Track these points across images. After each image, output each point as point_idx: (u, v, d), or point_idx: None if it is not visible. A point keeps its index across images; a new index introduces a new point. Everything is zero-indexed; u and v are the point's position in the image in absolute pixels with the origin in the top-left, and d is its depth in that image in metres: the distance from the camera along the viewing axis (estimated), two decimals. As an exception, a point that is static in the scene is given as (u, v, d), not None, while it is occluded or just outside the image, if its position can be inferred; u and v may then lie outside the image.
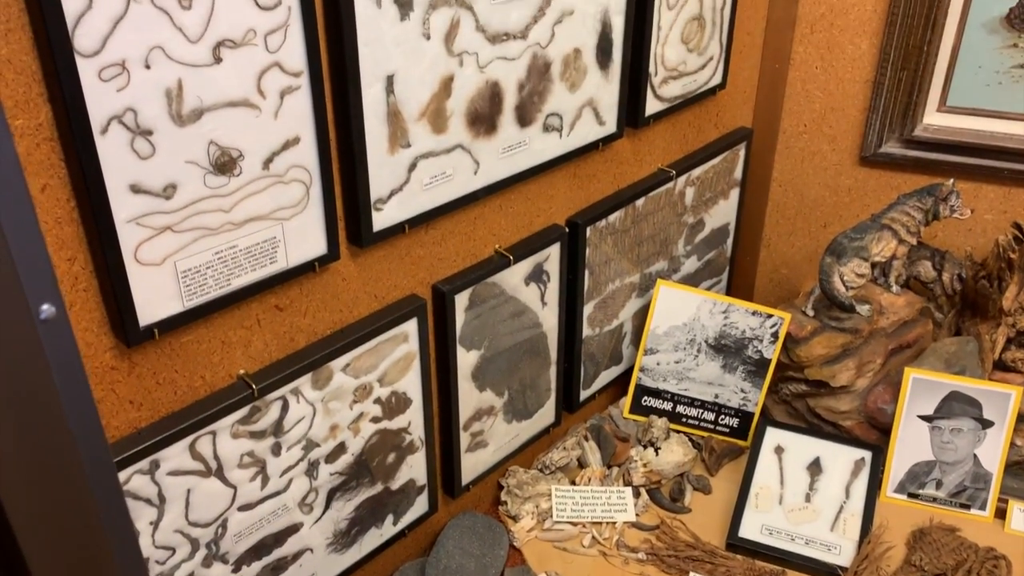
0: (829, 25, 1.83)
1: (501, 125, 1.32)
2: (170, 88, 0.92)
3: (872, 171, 1.93)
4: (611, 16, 1.43)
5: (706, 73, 1.71)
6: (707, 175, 1.85)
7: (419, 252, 1.31)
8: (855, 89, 1.87)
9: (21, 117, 0.84)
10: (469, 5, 1.19)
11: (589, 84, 1.45)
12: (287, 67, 1.01)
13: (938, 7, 1.70)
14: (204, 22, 0.92)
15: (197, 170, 0.97)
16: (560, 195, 1.53)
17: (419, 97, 1.18)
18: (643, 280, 1.79)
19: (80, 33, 0.83)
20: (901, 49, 1.76)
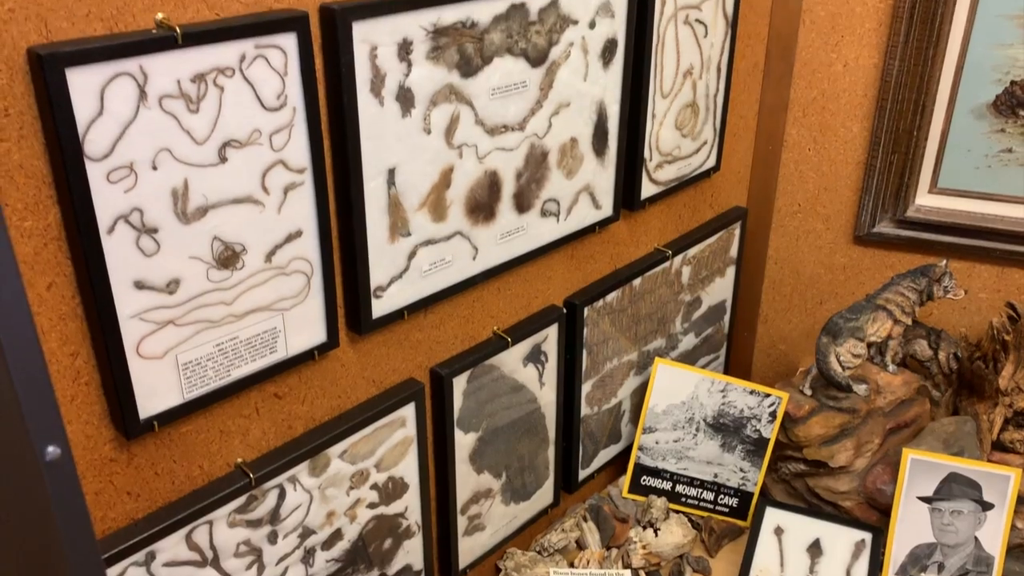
0: (821, 109, 1.87)
1: (500, 212, 1.35)
2: (176, 188, 0.94)
3: (866, 250, 1.95)
4: (607, 105, 1.47)
5: (700, 156, 1.75)
6: (703, 254, 1.87)
7: (418, 336, 1.33)
8: (847, 170, 1.90)
9: (30, 219, 0.87)
10: (469, 100, 1.23)
11: (586, 171, 1.48)
12: (291, 164, 1.04)
13: (926, 93, 1.74)
14: (211, 124, 0.95)
15: (200, 265, 0.99)
16: (558, 276, 1.55)
17: (420, 188, 1.21)
18: (641, 358, 1.80)
19: (90, 138, 0.86)
20: (892, 133, 1.80)
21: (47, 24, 0.82)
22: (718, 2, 1.62)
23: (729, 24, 1.67)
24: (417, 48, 1.13)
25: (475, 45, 1.21)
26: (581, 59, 1.38)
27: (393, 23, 1.09)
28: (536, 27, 1.29)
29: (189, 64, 0.91)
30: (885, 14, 1.75)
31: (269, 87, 0.99)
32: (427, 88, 1.16)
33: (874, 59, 1.79)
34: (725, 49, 1.69)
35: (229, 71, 0.94)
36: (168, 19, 0.90)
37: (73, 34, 0.84)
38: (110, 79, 0.86)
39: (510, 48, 1.26)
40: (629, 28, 1.43)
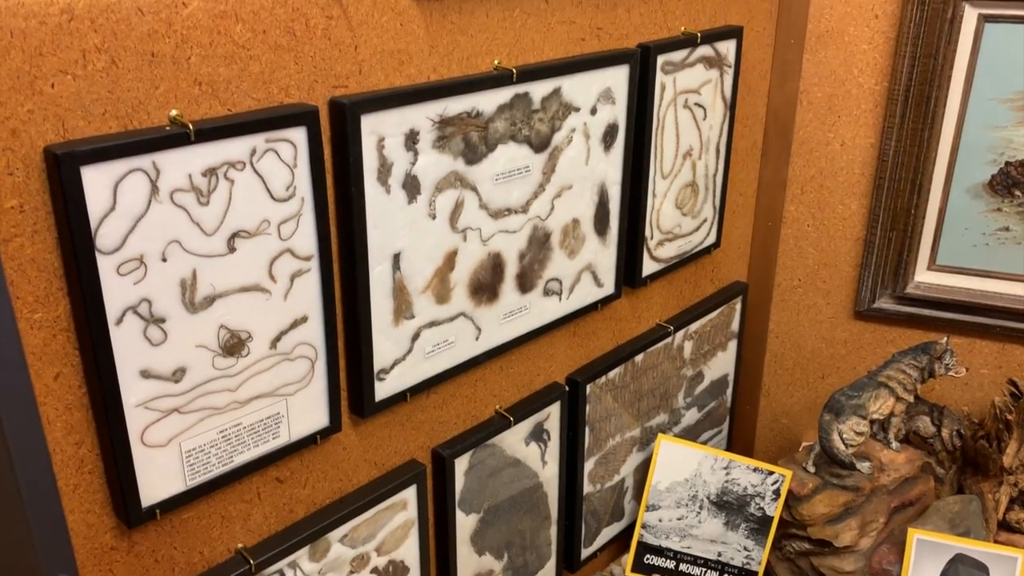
0: (819, 187, 1.90)
1: (503, 292, 1.36)
2: (185, 278, 0.95)
3: (867, 325, 1.96)
4: (608, 187, 1.49)
5: (700, 234, 1.77)
6: (705, 329, 1.88)
7: (420, 417, 1.33)
8: (847, 246, 1.92)
9: (40, 311, 0.88)
10: (473, 186, 1.25)
11: (587, 250, 1.50)
12: (298, 252, 1.06)
13: (923, 173, 1.77)
14: (221, 216, 0.97)
15: (206, 353, 1.00)
16: (560, 354, 1.56)
17: (424, 272, 1.22)
18: (644, 434, 1.80)
19: (102, 232, 0.88)
20: (889, 211, 1.83)
21: (64, 124, 0.85)
22: (716, 86, 1.66)
23: (728, 106, 1.70)
24: (423, 138, 1.16)
25: (480, 133, 1.23)
26: (583, 144, 1.41)
27: (401, 115, 1.12)
28: (539, 115, 1.32)
29: (201, 159, 0.93)
30: (881, 96, 1.79)
31: (279, 179, 1.01)
32: (432, 175, 1.19)
33: (871, 139, 1.82)
34: (724, 130, 1.72)
35: (240, 164, 0.97)
36: (181, 115, 0.92)
37: (89, 132, 0.87)
38: (123, 175, 0.88)
39: (514, 135, 1.29)
40: (630, 113, 1.47)
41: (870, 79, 1.79)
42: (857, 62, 1.79)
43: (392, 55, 1.11)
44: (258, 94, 0.99)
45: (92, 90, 0.86)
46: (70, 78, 0.84)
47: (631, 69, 1.44)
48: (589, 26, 1.38)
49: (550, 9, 1.30)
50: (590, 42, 1.39)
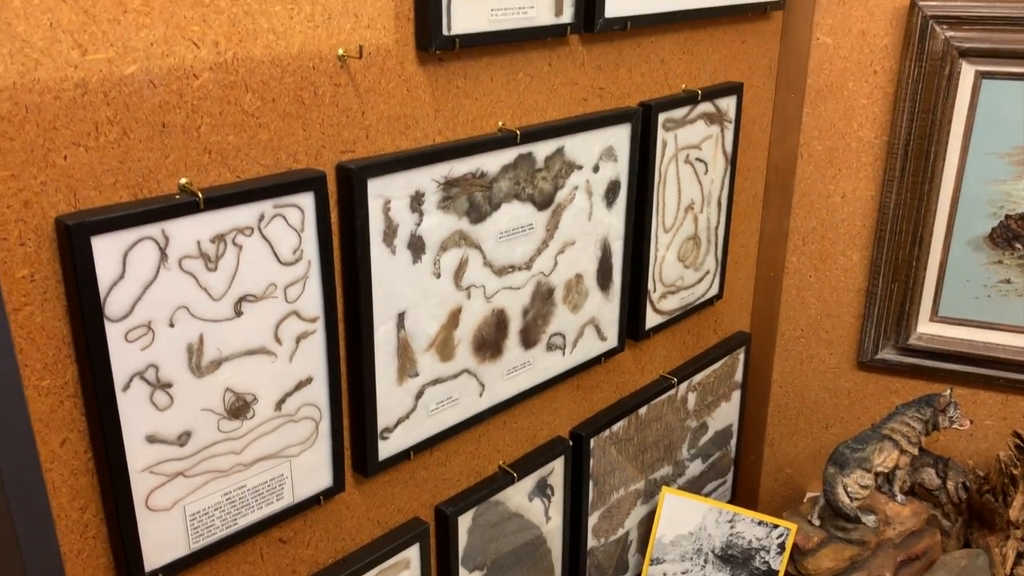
0: (820, 238, 1.91)
1: (506, 348, 1.37)
2: (192, 343, 0.96)
3: (870, 375, 1.96)
4: (611, 242, 1.50)
5: (703, 286, 1.78)
6: (708, 380, 1.88)
7: (423, 474, 1.33)
8: (849, 297, 1.93)
9: (48, 378, 0.89)
10: (477, 244, 1.26)
11: (591, 305, 1.50)
12: (304, 314, 1.06)
13: (923, 225, 1.79)
14: (228, 281, 0.98)
15: (212, 417, 1.00)
16: (563, 408, 1.56)
17: (428, 330, 1.23)
18: (648, 487, 1.79)
19: (111, 300, 0.89)
20: (891, 263, 1.84)
21: (76, 194, 0.86)
22: (717, 141, 1.68)
23: (729, 160, 1.72)
24: (429, 199, 1.17)
25: (484, 193, 1.25)
26: (585, 200, 1.42)
27: (406, 178, 1.13)
28: (542, 173, 1.33)
29: (210, 226, 0.94)
30: (880, 150, 1.81)
31: (286, 243, 1.02)
32: (437, 235, 1.20)
33: (871, 191, 1.84)
34: (725, 183, 1.74)
35: (248, 230, 0.98)
36: (191, 184, 0.94)
37: (100, 202, 0.88)
38: (133, 244, 0.89)
39: (517, 194, 1.30)
40: (632, 170, 1.48)
41: (870, 133, 1.81)
42: (857, 116, 1.81)
43: (398, 120, 1.13)
44: (267, 160, 1.01)
45: (104, 161, 0.87)
46: (82, 150, 0.86)
47: (633, 127, 1.46)
48: (591, 86, 1.40)
49: (553, 71, 1.33)
50: (592, 102, 1.41)
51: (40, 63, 0.81)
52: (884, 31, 1.74)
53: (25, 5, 0.79)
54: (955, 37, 1.65)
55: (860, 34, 1.76)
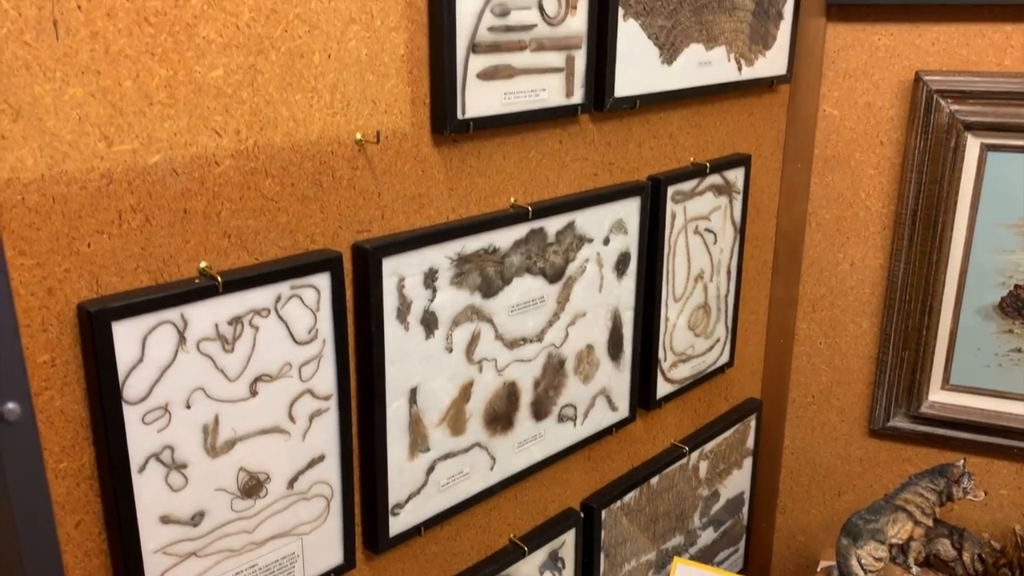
0: (830, 305, 1.92)
1: (518, 421, 1.37)
2: (207, 424, 0.97)
3: (882, 443, 1.95)
4: (621, 312, 1.51)
5: (714, 354, 1.78)
6: (720, 447, 1.88)
7: (434, 549, 1.32)
8: (859, 364, 1.93)
9: (66, 461, 0.89)
10: (489, 318, 1.28)
11: (602, 375, 1.51)
12: (318, 392, 1.07)
13: (933, 295, 1.79)
14: (244, 362, 0.99)
15: (225, 496, 1.01)
16: (575, 479, 1.55)
17: (440, 404, 1.24)
18: (659, 557, 1.77)
19: (130, 384, 0.90)
20: (901, 331, 1.84)
21: (98, 280, 0.88)
22: (726, 211, 1.70)
23: (737, 230, 1.74)
24: (442, 275, 1.19)
25: (496, 268, 1.27)
26: (596, 272, 1.44)
27: (420, 255, 1.15)
28: (553, 247, 1.35)
29: (228, 308, 0.96)
30: (888, 219, 1.82)
31: (302, 323, 1.03)
32: (450, 310, 1.21)
33: (880, 260, 1.85)
34: (734, 252, 1.76)
35: (265, 311, 0.99)
36: (210, 267, 0.96)
37: (121, 287, 0.90)
38: (152, 328, 0.90)
39: (529, 268, 1.32)
40: (641, 242, 1.50)
41: (877, 202, 1.83)
42: (864, 186, 1.83)
43: (413, 199, 1.16)
44: (285, 243, 1.03)
45: (126, 247, 0.89)
46: (106, 237, 0.88)
47: (642, 200, 1.48)
48: (601, 162, 1.43)
49: (564, 148, 1.35)
50: (603, 176, 1.44)
51: (68, 155, 0.83)
52: (890, 103, 1.77)
53: (56, 101, 0.81)
54: (960, 111, 1.68)
55: (866, 106, 1.79)
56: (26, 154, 0.81)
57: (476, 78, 1.16)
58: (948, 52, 1.70)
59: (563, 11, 1.25)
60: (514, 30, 1.19)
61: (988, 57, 1.68)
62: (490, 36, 1.16)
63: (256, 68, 0.95)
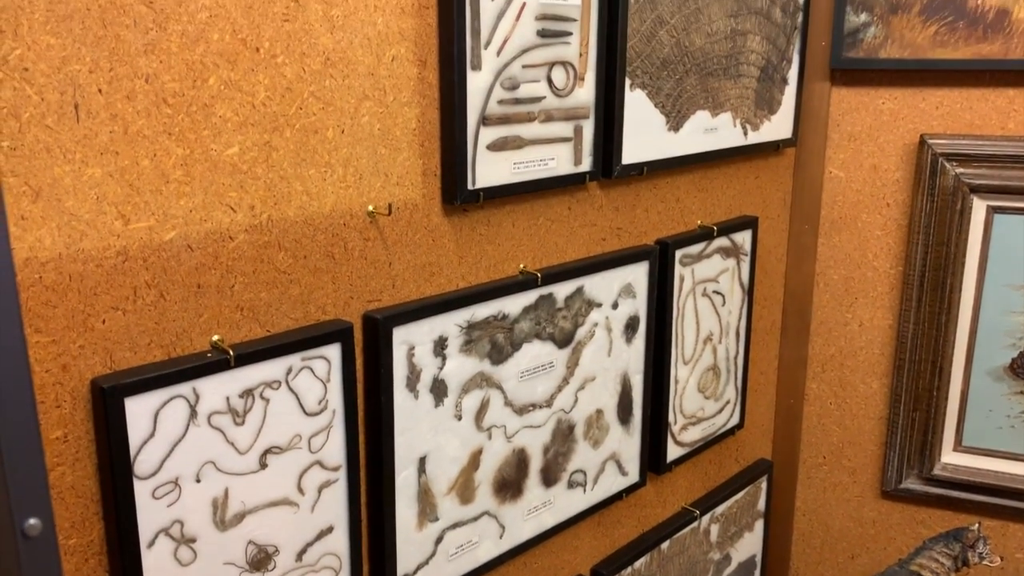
0: (839, 365, 1.92)
1: (527, 488, 1.36)
2: (217, 497, 0.97)
3: (895, 504, 1.93)
4: (631, 376, 1.51)
5: (724, 415, 1.78)
6: (731, 510, 1.86)
7: (443, 619, 1.30)
8: (870, 425, 1.92)
9: (75, 536, 0.89)
10: (499, 384, 1.28)
11: (611, 440, 1.50)
12: (327, 463, 1.07)
13: (943, 356, 1.79)
14: (255, 434, 0.99)
15: (234, 570, 1.00)
16: (584, 545, 1.54)
17: (449, 473, 1.23)
18: (670, 623, 1.75)
19: (141, 459, 0.90)
20: (911, 391, 1.83)
21: (112, 356, 0.89)
22: (734, 273, 1.70)
23: (745, 291, 1.75)
24: (452, 343, 1.19)
25: (505, 334, 1.27)
26: (605, 337, 1.44)
27: (431, 324, 1.16)
28: (563, 312, 1.36)
29: (239, 381, 0.96)
30: (896, 279, 1.83)
31: (312, 395, 1.04)
32: (459, 378, 1.22)
33: (888, 320, 1.85)
34: (743, 314, 1.76)
35: (276, 384, 1.00)
36: (223, 340, 0.96)
37: (135, 362, 0.90)
38: (165, 402, 0.91)
39: (538, 333, 1.32)
40: (650, 305, 1.51)
41: (885, 263, 1.83)
42: (871, 247, 1.84)
43: (424, 268, 1.17)
44: (296, 314, 1.03)
45: (140, 323, 0.90)
46: (120, 313, 0.89)
47: (650, 264, 1.49)
48: (609, 227, 1.44)
49: (572, 215, 1.37)
50: (611, 241, 1.45)
51: (86, 234, 0.85)
52: (895, 166, 1.78)
53: (75, 182, 0.83)
54: (965, 174, 1.69)
55: (872, 168, 1.80)
56: (45, 234, 0.82)
57: (486, 149, 1.17)
58: (952, 116, 1.72)
59: (571, 83, 1.27)
60: (523, 102, 1.21)
61: (992, 121, 1.70)
62: (500, 109, 1.18)
63: (271, 145, 0.97)
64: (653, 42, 1.38)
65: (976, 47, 1.65)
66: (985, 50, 1.64)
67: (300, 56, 0.97)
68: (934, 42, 1.67)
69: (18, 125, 0.79)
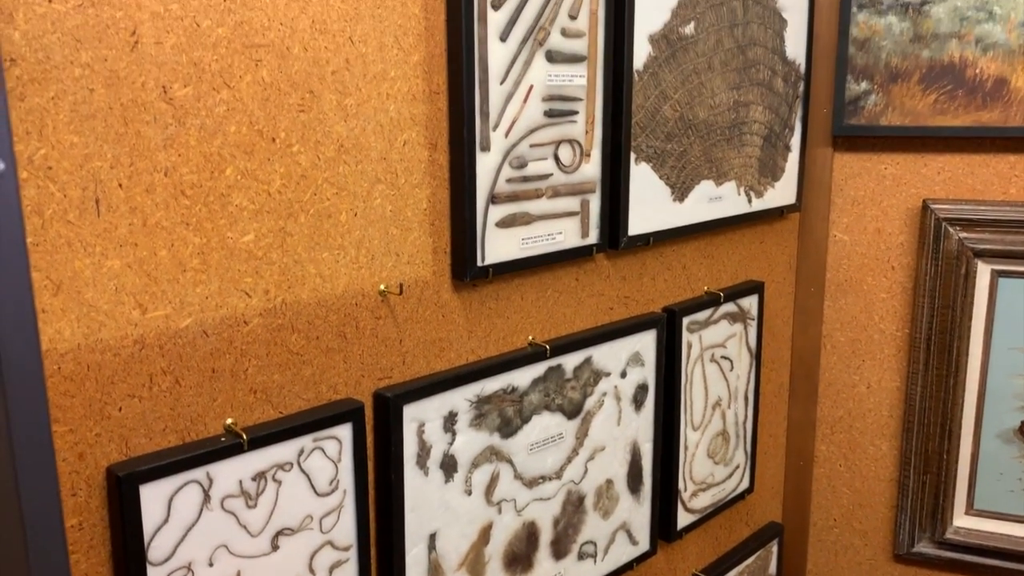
0: (848, 427, 1.91)
1: (537, 561, 1.36)
2: (229, 581, 0.97)
3: (908, 568, 1.91)
4: (640, 444, 1.52)
5: (734, 480, 1.77)
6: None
7: None
8: (881, 487, 1.91)
9: (88, 625, 0.89)
10: (508, 458, 1.28)
11: (621, 509, 1.50)
12: (338, 543, 1.07)
13: (952, 419, 1.78)
14: (267, 517, 0.99)
15: (244, 655, 1.00)
16: (595, 615, 1.52)
17: (459, 548, 1.23)
18: None
19: (155, 545, 0.90)
20: (921, 454, 1.82)
21: (127, 443, 0.90)
22: (741, 338, 1.71)
23: (753, 355, 1.75)
24: (461, 418, 1.20)
25: (515, 407, 1.28)
26: (614, 406, 1.45)
27: (441, 400, 1.17)
28: (571, 383, 1.36)
29: (252, 464, 0.97)
30: (903, 342, 1.83)
31: (323, 475, 1.04)
32: (469, 453, 1.22)
33: (896, 382, 1.85)
34: (751, 378, 1.76)
35: (288, 466, 1.01)
36: (236, 423, 0.97)
37: (150, 448, 0.91)
38: (179, 488, 0.91)
39: (547, 405, 1.33)
40: (658, 373, 1.51)
41: (891, 325, 1.84)
42: (877, 309, 1.85)
43: (434, 343, 1.18)
44: (308, 395, 1.04)
45: (155, 409, 0.91)
46: (136, 400, 0.90)
47: (658, 332, 1.50)
48: (617, 296, 1.45)
49: (580, 285, 1.38)
50: (618, 310, 1.46)
51: (104, 324, 0.86)
52: (899, 229, 1.80)
53: (95, 274, 0.85)
54: (969, 238, 1.71)
55: (876, 232, 1.82)
56: (64, 326, 0.84)
57: (495, 226, 1.19)
58: (954, 181, 1.74)
59: (577, 159, 1.30)
60: (531, 179, 1.23)
61: (993, 186, 1.72)
62: (508, 187, 1.20)
63: (286, 231, 0.99)
64: (657, 117, 1.41)
65: (976, 115, 1.67)
66: (985, 117, 1.67)
67: (315, 144, 1.00)
68: (934, 110, 1.70)
69: (41, 222, 0.81)
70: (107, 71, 0.83)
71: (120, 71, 0.84)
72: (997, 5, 1.63)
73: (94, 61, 0.82)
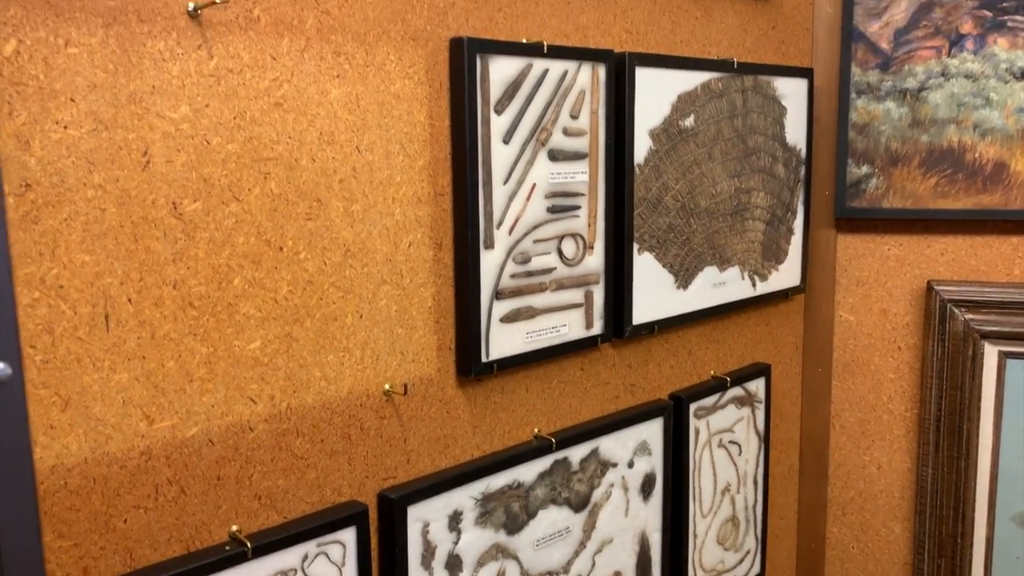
0: (860, 509, 1.89)
1: (545, 657, 1.34)
2: None
3: (927, 656, 1.86)
4: (649, 534, 1.50)
5: (744, 566, 1.74)
6: (755, 664, 1.80)
7: None
8: (894, 571, 1.87)
9: None
10: (514, 555, 1.27)
11: (630, 601, 1.48)
12: (342, 649, 1.06)
13: (964, 501, 1.76)
14: (270, 625, 0.99)
15: None
16: None
17: (465, 648, 1.21)
18: None
19: (156, 659, 0.90)
20: (935, 537, 1.80)
21: (132, 555, 0.90)
22: (749, 421, 1.70)
23: (761, 439, 1.74)
24: (467, 516, 1.19)
25: (521, 503, 1.27)
26: (621, 497, 1.44)
27: (446, 499, 1.16)
28: (578, 475, 1.36)
29: (257, 572, 0.97)
30: (912, 422, 1.82)
31: (327, 581, 1.04)
32: (475, 551, 1.21)
33: (907, 463, 1.83)
34: (760, 461, 1.75)
35: (292, 572, 1.00)
36: (240, 531, 0.97)
37: (155, 558, 0.91)
38: (182, 600, 0.91)
39: (554, 499, 1.32)
40: (666, 461, 1.50)
41: (900, 406, 1.83)
42: (886, 389, 1.84)
43: (438, 441, 1.18)
44: (312, 499, 1.04)
45: (160, 519, 0.91)
46: (142, 512, 0.90)
47: (665, 420, 1.49)
48: (623, 384, 1.45)
49: (585, 375, 1.38)
50: (624, 398, 1.46)
51: (111, 437, 0.87)
52: (905, 310, 1.80)
53: (103, 388, 0.86)
54: (974, 320, 1.71)
55: (881, 312, 1.82)
56: (71, 440, 0.84)
57: (499, 322, 1.20)
58: (958, 262, 1.75)
59: (581, 252, 1.32)
60: (535, 274, 1.25)
61: (997, 267, 1.73)
62: (512, 283, 1.21)
63: (292, 336, 1.00)
64: (659, 208, 1.43)
65: (976, 197, 1.69)
66: (986, 200, 1.69)
67: (322, 250, 1.02)
68: (935, 193, 1.72)
69: (51, 340, 0.82)
70: (119, 190, 0.85)
71: (131, 190, 0.86)
72: (993, 92, 1.66)
73: (106, 182, 0.84)
